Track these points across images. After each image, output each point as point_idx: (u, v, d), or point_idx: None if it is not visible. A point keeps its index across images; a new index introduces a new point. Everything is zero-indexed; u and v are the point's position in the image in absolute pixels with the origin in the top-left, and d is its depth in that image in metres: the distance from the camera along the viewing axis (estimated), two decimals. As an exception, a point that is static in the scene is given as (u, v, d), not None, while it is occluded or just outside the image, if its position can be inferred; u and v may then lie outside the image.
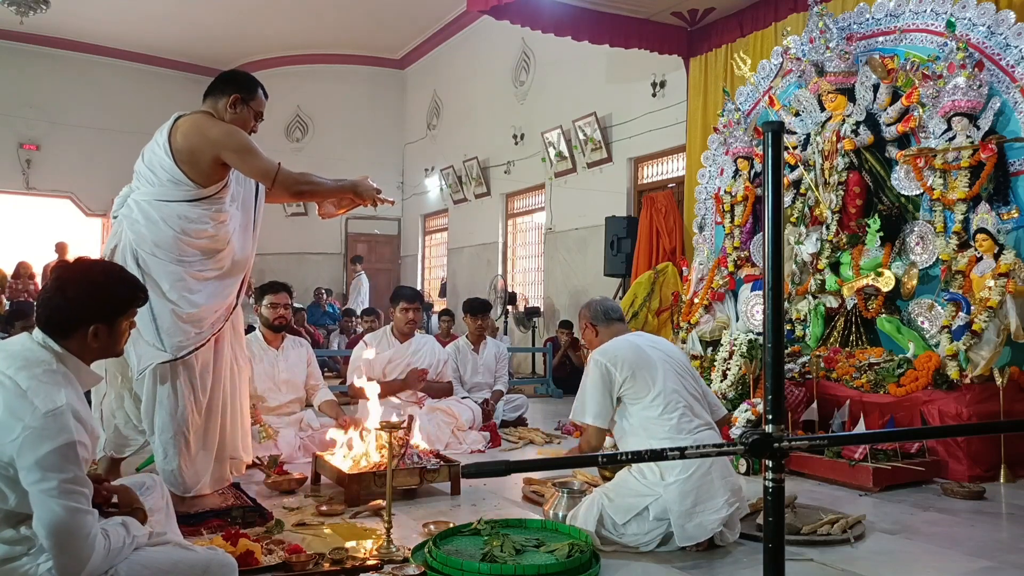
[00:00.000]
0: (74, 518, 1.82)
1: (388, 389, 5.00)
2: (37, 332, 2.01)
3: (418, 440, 3.94)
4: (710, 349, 5.66)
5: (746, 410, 4.42)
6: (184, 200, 3.14)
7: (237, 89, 3.29)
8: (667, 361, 3.08)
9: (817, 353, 4.96)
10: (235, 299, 3.38)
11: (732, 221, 6.28)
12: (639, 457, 2.64)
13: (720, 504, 2.84)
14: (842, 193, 5.42)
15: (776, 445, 1.34)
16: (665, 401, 2.97)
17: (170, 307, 3.08)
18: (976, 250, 4.61)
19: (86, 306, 2.02)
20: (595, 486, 3.25)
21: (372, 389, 3.82)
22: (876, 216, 5.21)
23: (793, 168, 5.81)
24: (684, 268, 6.83)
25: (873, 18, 5.53)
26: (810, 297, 5.55)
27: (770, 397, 1.36)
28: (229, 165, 3.20)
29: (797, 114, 5.89)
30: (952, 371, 4.39)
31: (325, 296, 12.39)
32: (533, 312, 10.20)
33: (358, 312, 10.35)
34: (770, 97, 6.15)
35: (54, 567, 1.84)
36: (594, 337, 3.30)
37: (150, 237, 3.10)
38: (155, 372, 3.10)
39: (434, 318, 10.93)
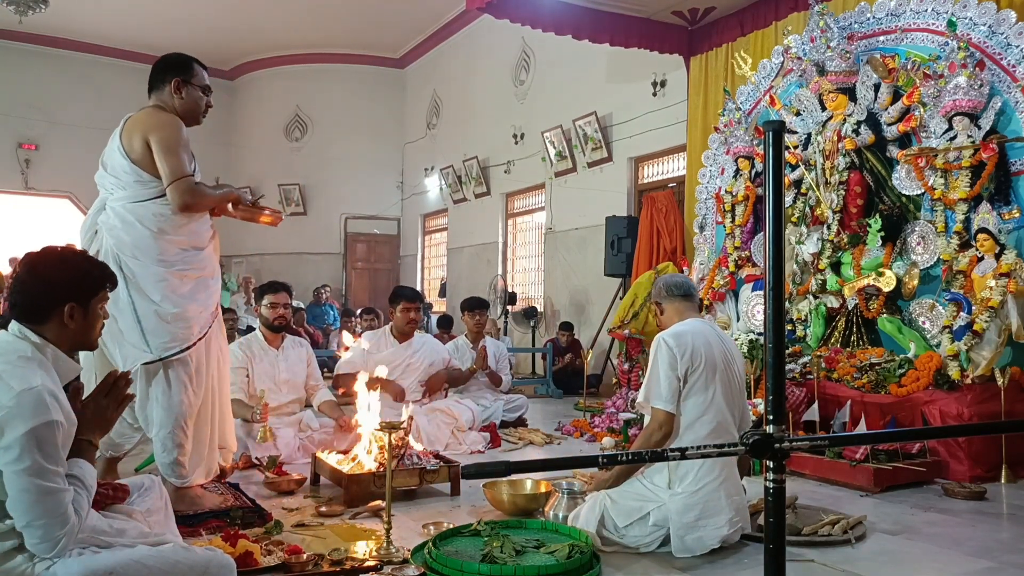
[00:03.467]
0: (49, 498, 1.84)
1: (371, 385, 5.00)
2: (14, 324, 2.03)
3: (415, 443, 3.93)
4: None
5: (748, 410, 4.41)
6: (155, 198, 3.16)
7: (175, 72, 3.27)
8: (727, 369, 2.96)
9: (818, 353, 4.95)
10: (217, 305, 3.42)
11: (733, 221, 6.27)
12: (639, 457, 2.63)
13: (723, 522, 2.81)
14: (843, 193, 5.41)
15: (777, 446, 1.33)
16: (705, 409, 2.87)
17: (154, 308, 3.10)
18: (977, 250, 4.60)
19: (61, 285, 2.04)
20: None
21: (362, 381, 3.80)
22: (877, 216, 5.20)
23: (794, 168, 5.80)
24: (685, 268, 6.82)
25: (874, 17, 5.53)
26: (811, 297, 5.55)
27: (771, 397, 1.35)
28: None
29: (798, 113, 5.88)
30: (953, 371, 4.38)
31: (325, 295, 12.39)
32: (530, 313, 10.20)
33: (357, 312, 10.34)
34: (771, 96, 6.14)
35: (27, 545, 1.85)
36: (661, 316, 3.21)
37: (129, 240, 3.13)
38: (146, 371, 3.12)
39: (433, 320, 10.92)
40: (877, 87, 5.36)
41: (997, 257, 4.49)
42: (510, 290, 10.70)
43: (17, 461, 1.82)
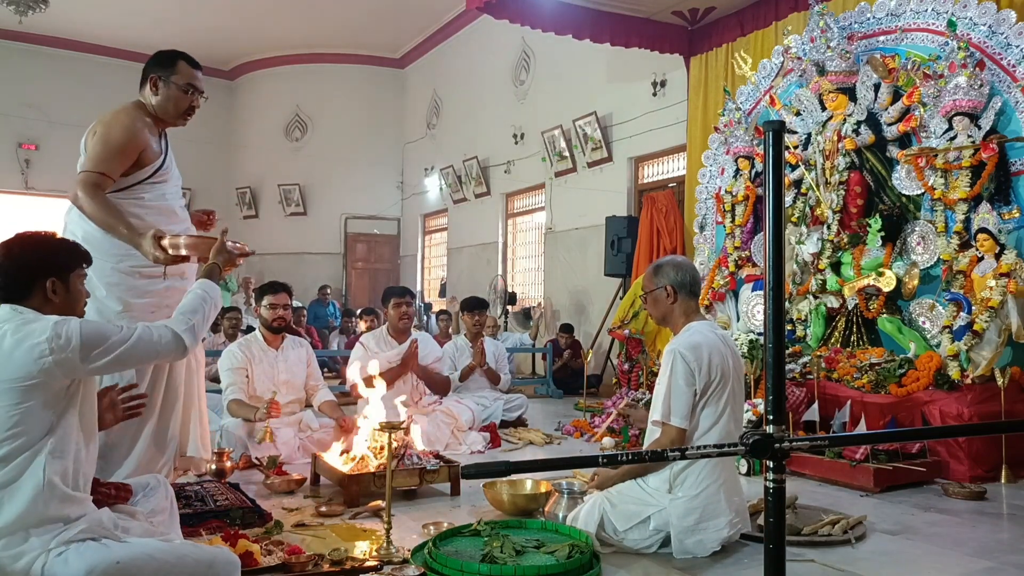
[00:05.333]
0: (143, 342, 2.21)
1: (386, 378, 4.99)
2: (5, 306, 2.09)
3: (416, 442, 3.92)
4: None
5: (747, 410, 4.41)
6: (109, 192, 3.13)
7: (155, 69, 3.25)
8: (736, 376, 2.93)
9: (818, 353, 4.95)
10: None
11: (733, 221, 6.27)
12: (639, 457, 2.63)
13: (723, 524, 2.80)
14: (843, 193, 5.41)
15: (777, 446, 1.33)
16: (717, 418, 2.85)
17: (96, 305, 3.06)
18: (977, 250, 4.60)
19: (36, 262, 2.14)
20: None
21: (379, 388, 3.79)
22: (877, 216, 5.20)
23: (794, 168, 5.80)
24: (684, 268, 6.81)
25: (874, 17, 5.53)
26: (811, 297, 5.54)
27: (771, 397, 1.35)
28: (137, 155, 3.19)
29: (798, 113, 5.87)
30: (953, 371, 4.38)
31: (329, 294, 12.42)
32: (526, 314, 10.23)
33: (357, 312, 10.35)
34: (771, 96, 6.14)
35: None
36: (669, 304, 2.98)
37: (80, 234, 3.10)
38: None
39: (433, 318, 10.93)
40: (877, 87, 5.36)
41: (997, 257, 4.49)
42: (510, 290, 10.70)
43: (104, 363, 2.09)
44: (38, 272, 2.12)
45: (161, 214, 3.24)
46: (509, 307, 10.41)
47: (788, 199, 5.80)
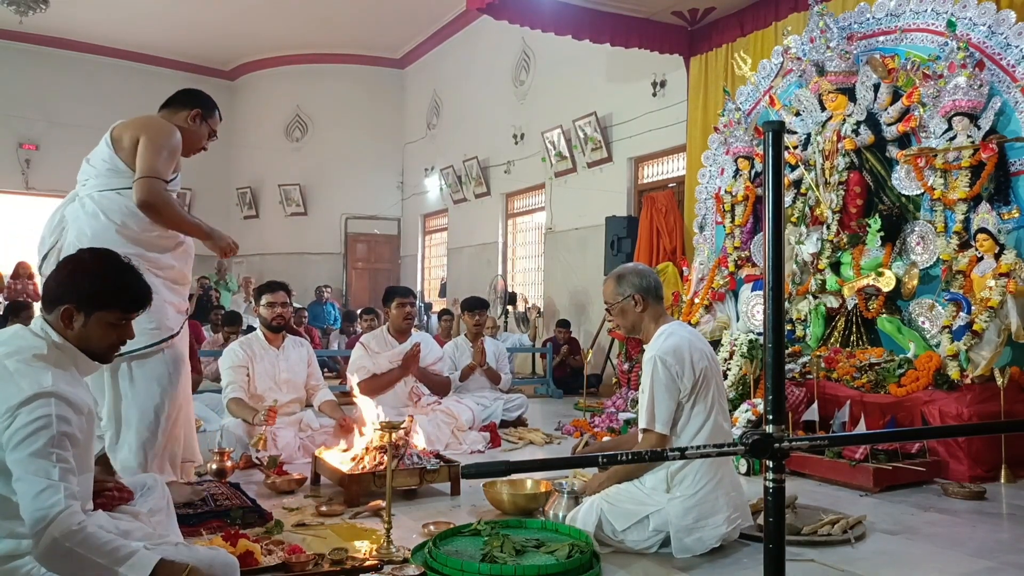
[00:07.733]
0: (50, 500, 1.78)
1: (387, 380, 5.00)
2: (38, 318, 2.03)
3: (418, 441, 3.93)
4: (710, 349, 5.65)
5: (747, 410, 4.42)
6: (125, 187, 3.14)
7: (200, 106, 3.42)
8: (715, 368, 2.95)
9: (818, 353, 4.95)
10: (185, 312, 3.43)
11: (733, 221, 6.28)
12: (639, 457, 2.63)
13: (721, 520, 2.80)
14: (843, 193, 5.42)
15: (777, 445, 1.34)
16: (706, 414, 2.87)
17: None
18: (977, 250, 4.61)
19: (66, 283, 2.04)
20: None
21: (366, 404, 3.82)
22: (877, 216, 5.20)
23: (794, 168, 5.81)
24: (684, 268, 6.83)
25: (874, 18, 5.53)
26: (811, 297, 5.55)
27: (771, 397, 1.36)
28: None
29: (798, 114, 5.88)
30: (953, 371, 4.39)
31: (326, 294, 12.42)
32: (523, 316, 10.26)
33: (358, 312, 10.36)
34: (771, 97, 6.14)
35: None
36: (638, 313, 2.98)
37: (90, 232, 3.09)
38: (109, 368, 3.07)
39: (434, 318, 10.93)
40: (877, 87, 5.37)
41: (996, 257, 4.49)
42: (510, 290, 10.71)
43: (23, 478, 1.79)
44: (62, 293, 2.01)
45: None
46: (509, 307, 10.42)
47: (788, 199, 5.81)
